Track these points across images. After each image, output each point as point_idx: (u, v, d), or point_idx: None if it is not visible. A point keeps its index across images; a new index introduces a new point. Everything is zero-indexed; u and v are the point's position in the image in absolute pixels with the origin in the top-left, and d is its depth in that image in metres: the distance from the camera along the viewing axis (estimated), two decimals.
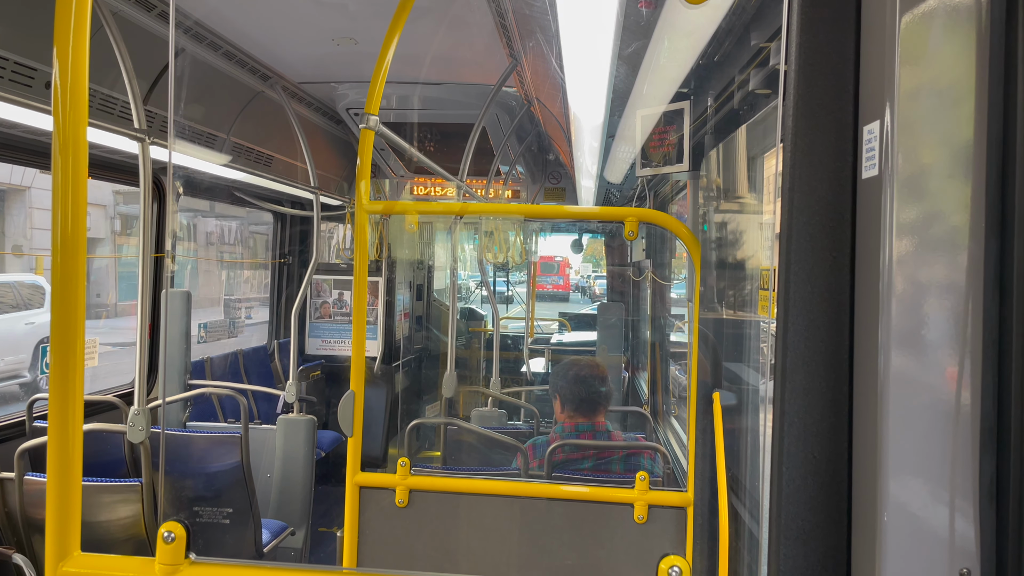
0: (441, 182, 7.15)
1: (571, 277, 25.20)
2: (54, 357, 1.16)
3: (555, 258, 23.66)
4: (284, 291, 6.55)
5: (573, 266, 24.65)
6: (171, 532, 1.15)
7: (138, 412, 2.96)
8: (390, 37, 2.24)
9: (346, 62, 4.48)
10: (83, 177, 1.19)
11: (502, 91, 4.62)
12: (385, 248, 6.61)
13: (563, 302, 21.72)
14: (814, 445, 1.18)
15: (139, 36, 3.32)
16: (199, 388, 4.50)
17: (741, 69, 2.54)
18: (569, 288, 24.81)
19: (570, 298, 23.89)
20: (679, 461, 4.04)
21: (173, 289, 4.83)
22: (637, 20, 2.40)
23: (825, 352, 1.19)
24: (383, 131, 2.50)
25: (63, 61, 1.14)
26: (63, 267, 1.15)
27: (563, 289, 24.46)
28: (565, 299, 23.27)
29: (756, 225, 2.70)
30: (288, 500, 4.31)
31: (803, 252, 1.19)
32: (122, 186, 6.55)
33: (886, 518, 1.08)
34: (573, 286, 25.24)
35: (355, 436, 2.32)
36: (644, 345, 6.86)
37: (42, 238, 13.49)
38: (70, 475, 1.15)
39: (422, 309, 7.70)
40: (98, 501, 2.89)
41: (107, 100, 3.32)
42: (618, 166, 5.16)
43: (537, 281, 23.20)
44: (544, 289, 23.26)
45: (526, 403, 5.06)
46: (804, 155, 1.20)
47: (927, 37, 1.09)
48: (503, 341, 7.16)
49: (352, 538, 2.37)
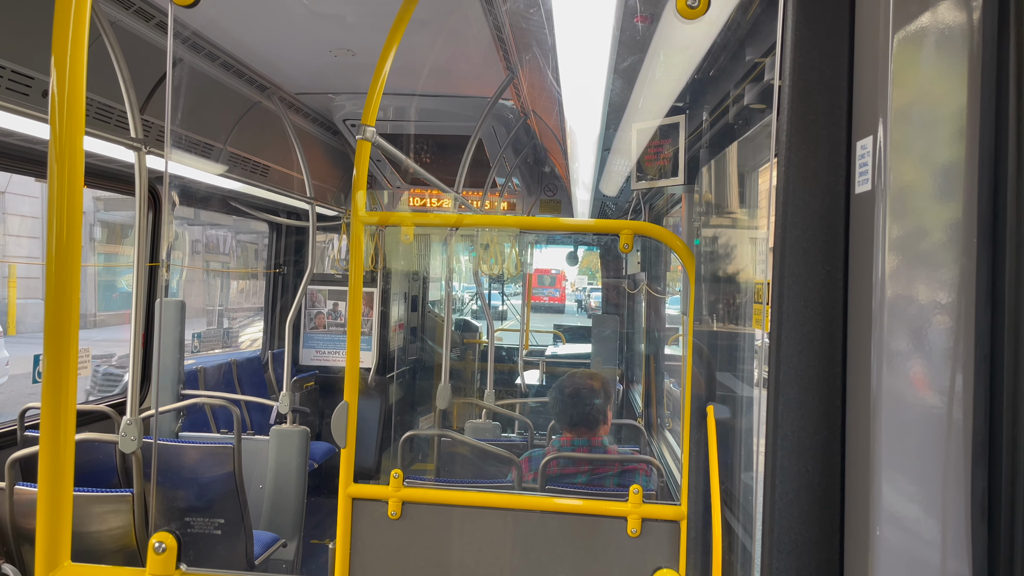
0: (437, 193, 7.17)
1: (567, 290, 25.77)
2: (47, 366, 1.15)
3: (551, 271, 23.88)
4: (279, 301, 6.54)
5: (569, 278, 25.08)
6: (162, 543, 1.15)
7: (130, 422, 2.95)
8: (387, 49, 2.25)
9: (343, 73, 4.49)
10: (79, 186, 1.19)
11: (499, 103, 4.64)
12: (380, 259, 6.61)
13: (559, 314, 21.99)
14: (807, 459, 1.18)
15: (137, 46, 3.33)
16: (192, 398, 4.49)
17: (736, 84, 2.55)
18: (565, 300, 25.33)
19: (565, 310, 24.33)
20: (673, 474, 4.04)
21: (167, 298, 4.82)
22: (633, 35, 2.42)
23: (818, 366, 1.19)
24: (379, 142, 2.50)
25: (60, 70, 1.15)
26: (58, 276, 1.15)
27: (559, 301, 24.90)
28: (560, 311, 23.64)
29: (749, 239, 2.72)
30: (280, 511, 4.28)
31: (797, 266, 1.20)
32: (103, 192, 6.51)
33: (879, 532, 1.08)
34: (569, 299, 25.79)
35: (348, 447, 2.31)
36: (638, 358, 6.86)
37: (16, 246, 13.24)
38: (61, 485, 1.14)
39: (417, 320, 7.69)
40: (89, 511, 2.87)
41: (104, 109, 3.32)
42: (613, 179, 5.18)
43: (533, 293, 23.45)
44: (540, 301, 23.67)
45: (520, 415, 5.05)
46: (798, 169, 1.20)
47: (920, 54, 1.10)
48: (498, 353, 7.15)
49: (344, 550, 2.36)
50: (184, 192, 4.76)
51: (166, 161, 3.73)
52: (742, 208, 2.80)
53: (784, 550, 1.18)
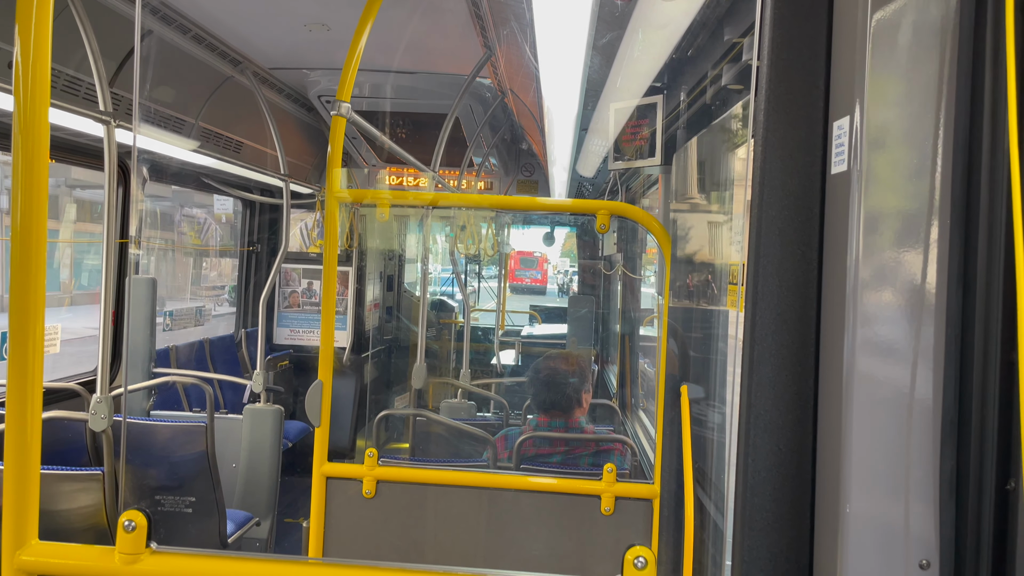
0: (414, 172, 7.12)
1: (549, 272, 26.61)
2: (13, 342, 1.13)
3: (534, 253, 24.21)
4: (252, 279, 6.48)
5: (551, 261, 25.58)
6: (132, 521, 1.13)
7: (100, 400, 2.91)
8: (363, 24, 2.22)
9: (318, 48, 4.43)
10: (44, 160, 1.16)
11: (476, 81, 4.60)
12: (356, 237, 6.56)
13: (540, 295, 22.63)
14: (779, 437, 1.19)
15: (106, 16, 3.25)
16: (164, 376, 4.44)
17: (714, 64, 2.55)
18: (546, 282, 26.20)
19: (547, 292, 25.16)
20: (646, 454, 4.07)
21: (138, 276, 4.75)
22: (612, 11, 2.40)
23: (792, 346, 1.20)
24: (355, 119, 2.47)
25: (25, 40, 1.11)
26: (22, 251, 1.12)
27: (540, 283, 25.78)
28: (542, 292, 24.45)
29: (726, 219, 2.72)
30: (254, 490, 4.27)
31: (772, 246, 1.20)
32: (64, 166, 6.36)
33: (848, 510, 1.10)
34: (551, 281, 26.66)
35: (323, 426, 2.31)
36: (614, 338, 6.89)
37: None
38: (27, 463, 1.12)
39: (393, 300, 7.66)
40: (58, 490, 2.83)
41: (72, 81, 3.25)
42: (591, 159, 5.17)
43: (516, 275, 23.77)
44: (522, 282, 24.39)
45: (496, 395, 5.06)
46: (775, 150, 1.20)
47: (897, 35, 1.10)
48: (473, 333, 7.15)
49: (318, 529, 2.35)
50: (155, 168, 4.68)
51: (134, 135, 3.66)
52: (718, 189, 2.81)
53: (755, 527, 1.19)
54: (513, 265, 24.45)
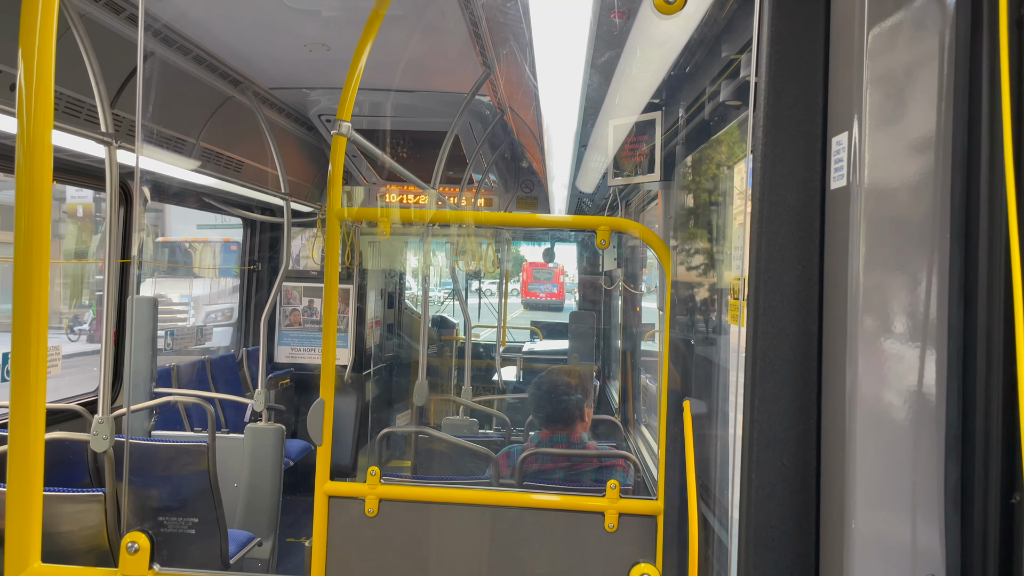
0: (414, 190, 7.13)
1: (566, 284, 20.97)
2: (15, 364, 1.13)
3: (549, 264, 20.06)
4: (253, 298, 6.48)
5: (568, 273, 19.89)
6: (135, 543, 1.13)
7: (102, 421, 2.90)
8: (363, 43, 2.23)
9: (318, 68, 4.45)
10: (47, 181, 1.17)
11: (475, 99, 4.62)
12: (356, 255, 6.57)
13: (556, 311, 18.48)
14: (783, 453, 1.19)
15: (107, 39, 3.27)
16: (165, 396, 4.43)
17: (712, 80, 2.56)
18: (563, 297, 20.87)
19: (564, 308, 19.35)
20: (649, 469, 4.06)
21: (139, 295, 4.75)
22: (610, 30, 2.42)
23: (794, 360, 1.20)
24: (355, 138, 2.48)
25: (28, 62, 1.12)
26: (25, 272, 1.13)
27: (557, 298, 20.90)
28: (559, 308, 19.64)
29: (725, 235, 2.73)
30: (256, 510, 4.25)
31: (772, 261, 1.20)
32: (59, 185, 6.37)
33: (854, 525, 1.09)
34: (568, 297, 20.66)
35: (324, 445, 2.30)
36: (615, 353, 6.88)
37: None
38: (30, 485, 1.12)
39: (393, 317, 7.66)
40: (60, 511, 2.82)
41: (74, 103, 3.27)
42: (590, 176, 5.18)
43: (530, 289, 21.19)
44: (536, 297, 20.42)
45: (498, 411, 5.05)
46: (773, 165, 1.21)
47: (894, 51, 1.10)
48: (475, 349, 7.14)
49: (320, 548, 2.34)
50: (156, 188, 4.70)
51: (137, 156, 3.68)
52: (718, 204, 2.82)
53: (760, 544, 1.19)
54: (526, 278, 20.66)
